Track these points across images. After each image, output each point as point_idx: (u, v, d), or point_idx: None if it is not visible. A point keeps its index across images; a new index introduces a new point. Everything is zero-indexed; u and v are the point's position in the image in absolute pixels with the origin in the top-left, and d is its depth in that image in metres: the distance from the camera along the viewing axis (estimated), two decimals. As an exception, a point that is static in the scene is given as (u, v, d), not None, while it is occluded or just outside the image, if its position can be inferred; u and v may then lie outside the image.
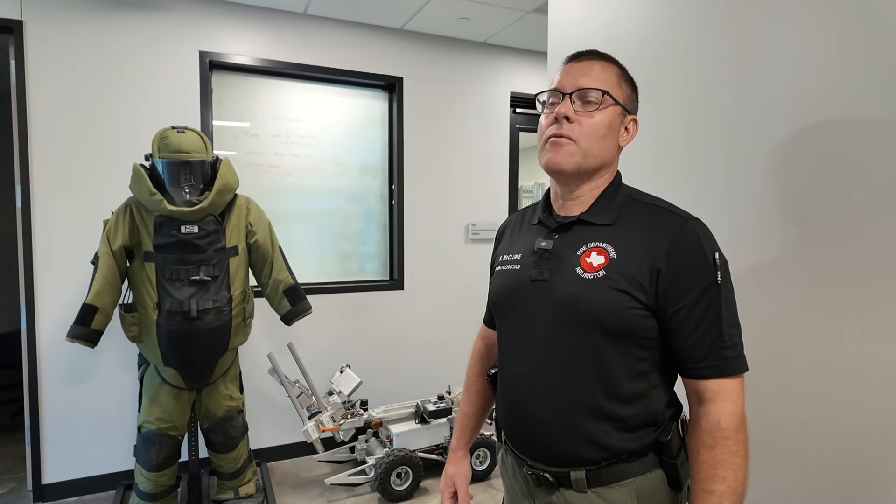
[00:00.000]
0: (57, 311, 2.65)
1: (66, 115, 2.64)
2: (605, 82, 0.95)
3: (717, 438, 0.86)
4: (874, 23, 1.08)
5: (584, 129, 0.94)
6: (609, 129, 0.96)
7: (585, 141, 0.94)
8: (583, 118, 0.94)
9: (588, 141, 0.94)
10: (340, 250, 3.39)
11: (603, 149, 0.96)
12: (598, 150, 0.95)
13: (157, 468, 2.30)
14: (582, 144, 0.94)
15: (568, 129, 0.94)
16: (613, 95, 0.95)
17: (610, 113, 0.95)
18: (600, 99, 0.94)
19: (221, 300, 2.25)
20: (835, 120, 1.15)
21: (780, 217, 1.25)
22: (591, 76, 0.96)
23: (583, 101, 0.95)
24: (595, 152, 0.95)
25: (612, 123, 0.96)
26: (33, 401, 2.63)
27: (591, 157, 0.95)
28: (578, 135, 0.94)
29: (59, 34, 2.62)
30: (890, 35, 1.06)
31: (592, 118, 0.94)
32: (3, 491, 2.76)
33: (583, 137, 0.94)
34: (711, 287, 0.88)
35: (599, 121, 0.95)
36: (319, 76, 3.21)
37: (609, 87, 0.95)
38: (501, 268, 1.06)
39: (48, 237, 2.63)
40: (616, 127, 0.97)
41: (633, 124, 1.00)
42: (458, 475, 1.20)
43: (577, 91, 0.95)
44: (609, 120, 0.95)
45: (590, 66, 0.97)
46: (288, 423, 3.15)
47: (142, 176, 2.13)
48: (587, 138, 0.94)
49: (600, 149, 0.96)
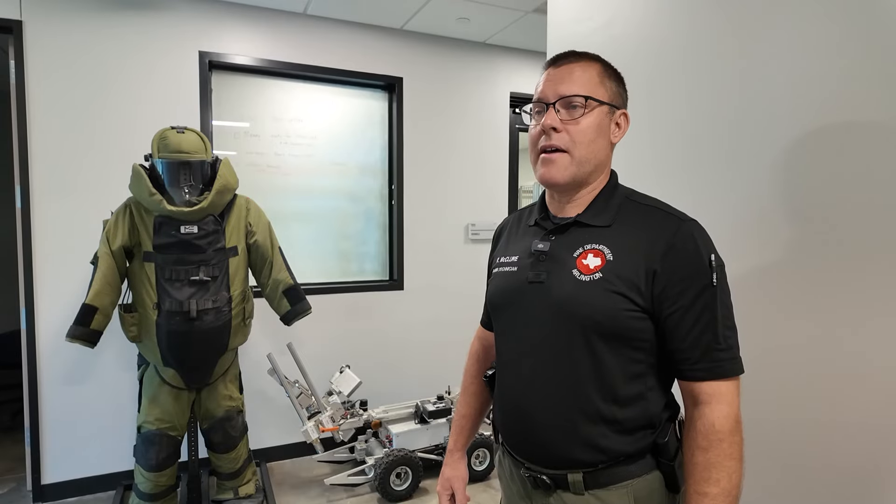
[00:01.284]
0: (56, 311, 2.65)
1: (65, 115, 2.65)
2: (587, 85, 0.95)
3: (712, 441, 0.85)
4: (877, 21, 1.08)
5: (574, 137, 0.94)
6: (598, 130, 0.95)
7: (576, 149, 0.94)
8: (570, 126, 0.94)
9: (579, 148, 0.94)
10: (340, 250, 3.39)
11: (595, 152, 0.96)
12: (591, 155, 0.95)
13: (157, 468, 2.30)
14: (574, 153, 0.94)
15: (557, 139, 0.94)
16: (597, 97, 0.94)
17: (597, 115, 0.95)
18: (584, 104, 0.93)
19: (221, 300, 2.26)
20: (836, 120, 1.15)
21: (780, 218, 1.25)
22: (572, 81, 0.95)
23: (567, 109, 0.94)
24: (588, 157, 0.95)
25: (600, 125, 0.95)
26: (33, 401, 2.63)
27: (584, 163, 0.95)
28: (568, 143, 0.94)
29: (59, 34, 2.62)
30: (893, 33, 1.05)
31: (579, 124, 0.94)
32: (3, 491, 2.77)
33: (573, 145, 0.94)
34: (707, 289, 0.88)
35: (587, 125, 0.94)
36: (319, 76, 3.21)
37: (591, 89, 0.94)
38: (499, 269, 1.06)
39: (48, 237, 2.64)
40: (605, 126, 0.96)
41: (623, 119, 0.99)
42: (456, 477, 1.20)
43: (559, 100, 0.94)
44: (597, 122, 0.95)
45: (569, 71, 0.96)
46: (287, 423, 3.16)
47: (141, 176, 2.13)
48: (577, 145, 0.94)
49: (592, 153, 0.95)
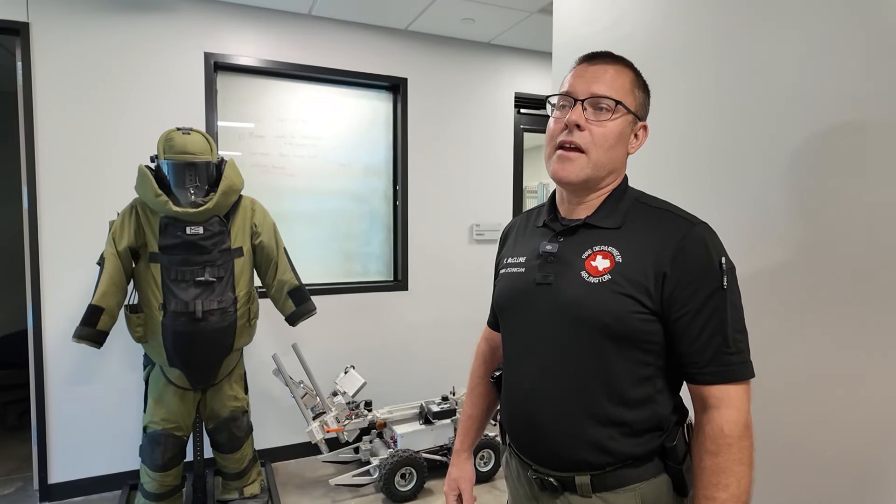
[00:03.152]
0: (63, 311, 2.66)
1: (71, 116, 2.66)
2: (620, 90, 0.93)
3: (721, 445, 0.85)
4: (889, 18, 1.07)
5: (595, 139, 0.92)
6: (619, 138, 0.94)
7: (595, 151, 0.93)
8: (594, 127, 0.92)
9: (598, 151, 0.93)
10: (344, 251, 3.39)
11: (612, 158, 0.95)
12: (608, 160, 0.94)
13: (163, 468, 2.31)
14: (592, 155, 0.93)
15: (578, 137, 0.92)
16: (626, 104, 0.93)
17: (621, 122, 0.94)
18: (613, 108, 0.92)
19: (226, 301, 2.26)
20: (847, 120, 1.14)
21: (790, 220, 1.24)
22: (605, 82, 0.93)
23: (595, 109, 0.93)
24: (604, 162, 0.94)
25: (622, 133, 0.94)
26: (39, 401, 2.64)
27: (600, 167, 0.94)
28: (588, 144, 0.92)
29: (65, 36, 2.63)
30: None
31: (604, 127, 0.92)
32: (10, 490, 2.78)
33: (592, 147, 0.92)
34: (717, 292, 0.87)
35: (611, 130, 0.93)
36: (324, 77, 3.21)
37: (623, 94, 0.93)
38: (506, 270, 1.06)
39: (54, 238, 2.65)
40: (626, 135, 0.95)
41: (642, 131, 0.99)
42: (462, 478, 1.20)
43: (589, 98, 0.93)
44: (620, 129, 0.94)
45: (604, 71, 0.94)
46: (292, 423, 3.16)
47: (147, 177, 2.14)
48: (597, 148, 0.92)
49: (609, 158, 0.94)
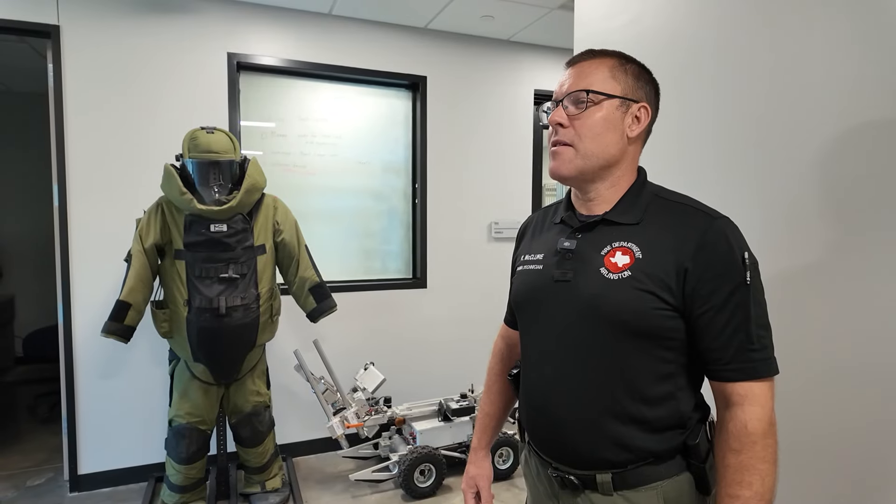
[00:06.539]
0: (92, 307, 2.73)
1: (100, 116, 2.72)
2: (593, 79, 0.94)
3: (744, 443, 0.84)
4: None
5: (578, 131, 0.94)
6: (606, 124, 0.94)
7: (581, 143, 0.94)
8: (575, 121, 0.94)
9: (584, 142, 0.94)
10: (364, 249, 3.42)
11: (603, 146, 0.94)
12: (598, 149, 0.94)
13: (187, 461, 2.36)
14: (580, 147, 0.94)
15: (563, 134, 0.95)
16: (602, 90, 0.94)
17: (605, 109, 0.94)
18: (587, 98, 0.94)
19: (249, 297, 2.30)
20: (873, 117, 1.11)
21: (814, 216, 1.22)
22: (580, 77, 0.96)
23: (575, 105, 0.95)
24: (594, 151, 0.94)
25: (608, 118, 0.94)
26: (69, 394, 2.72)
27: (591, 157, 0.94)
28: (573, 138, 0.95)
29: (94, 39, 2.70)
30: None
31: (581, 118, 0.94)
32: (41, 480, 2.86)
33: (577, 139, 0.94)
34: (740, 287, 0.86)
35: (593, 120, 0.94)
36: (344, 76, 3.23)
37: (597, 83, 0.94)
38: (523, 268, 1.06)
39: (84, 235, 2.72)
40: (617, 120, 0.95)
41: (643, 111, 0.97)
42: (480, 475, 1.20)
43: (566, 96, 0.95)
44: (604, 115, 0.94)
45: (579, 69, 0.97)
46: (313, 418, 3.19)
47: (172, 176, 2.18)
48: (583, 139, 0.94)
49: (600, 147, 0.94)
